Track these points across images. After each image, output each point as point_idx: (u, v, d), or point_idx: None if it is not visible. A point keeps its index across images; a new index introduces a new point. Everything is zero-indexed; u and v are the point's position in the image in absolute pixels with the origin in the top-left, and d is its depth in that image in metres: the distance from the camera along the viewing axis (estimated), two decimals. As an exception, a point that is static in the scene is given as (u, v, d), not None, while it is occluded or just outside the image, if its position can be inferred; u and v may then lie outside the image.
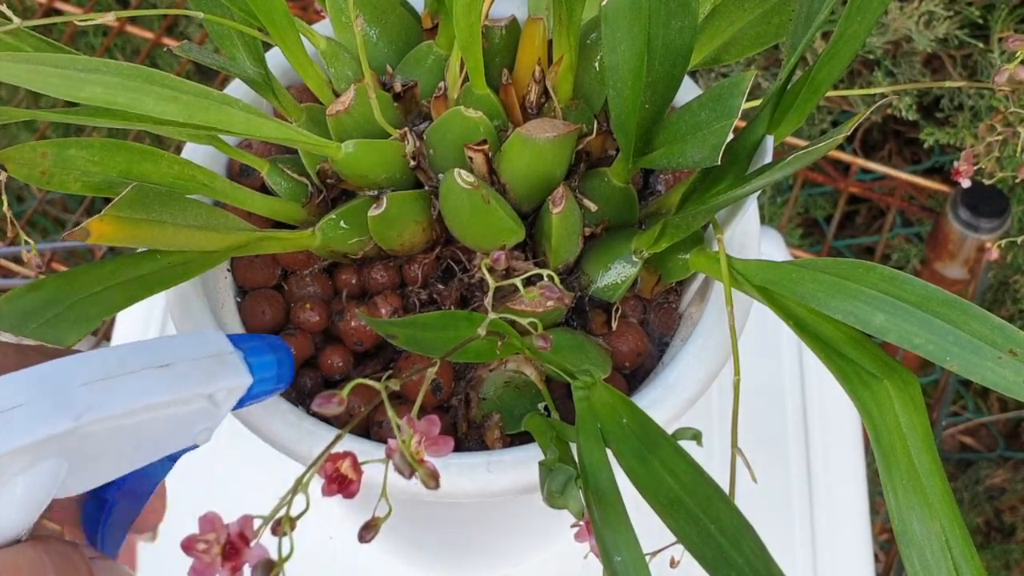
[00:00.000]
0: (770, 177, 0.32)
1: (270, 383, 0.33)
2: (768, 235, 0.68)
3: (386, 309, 0.41)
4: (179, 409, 0.30)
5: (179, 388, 0.30)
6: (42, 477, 0.28)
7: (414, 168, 0.40)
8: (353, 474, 0.25)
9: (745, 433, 0.33)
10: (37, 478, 0.28)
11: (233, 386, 0.32)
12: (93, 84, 0.31)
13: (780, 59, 0.92)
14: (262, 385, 0.33)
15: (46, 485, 0.28)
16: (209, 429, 0.32)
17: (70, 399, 0.27)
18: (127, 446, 0.30)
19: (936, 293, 0.32)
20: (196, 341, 0.32)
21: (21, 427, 0.27)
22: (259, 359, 0.33)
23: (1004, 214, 0.76)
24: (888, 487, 0.30)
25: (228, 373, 0.31)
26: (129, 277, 0.36)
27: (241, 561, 0.24)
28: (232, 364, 0.32)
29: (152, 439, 0.30)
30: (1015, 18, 0.86)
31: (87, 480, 0.30)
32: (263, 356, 0.33)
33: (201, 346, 0.31)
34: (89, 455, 0.29)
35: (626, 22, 0.33)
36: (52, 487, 0.28)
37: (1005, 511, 1.00)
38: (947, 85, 0.42)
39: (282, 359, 0.34)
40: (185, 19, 1.05)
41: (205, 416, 0.31)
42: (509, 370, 0.40)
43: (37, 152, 0.36)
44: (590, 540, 0.31)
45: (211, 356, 0.31)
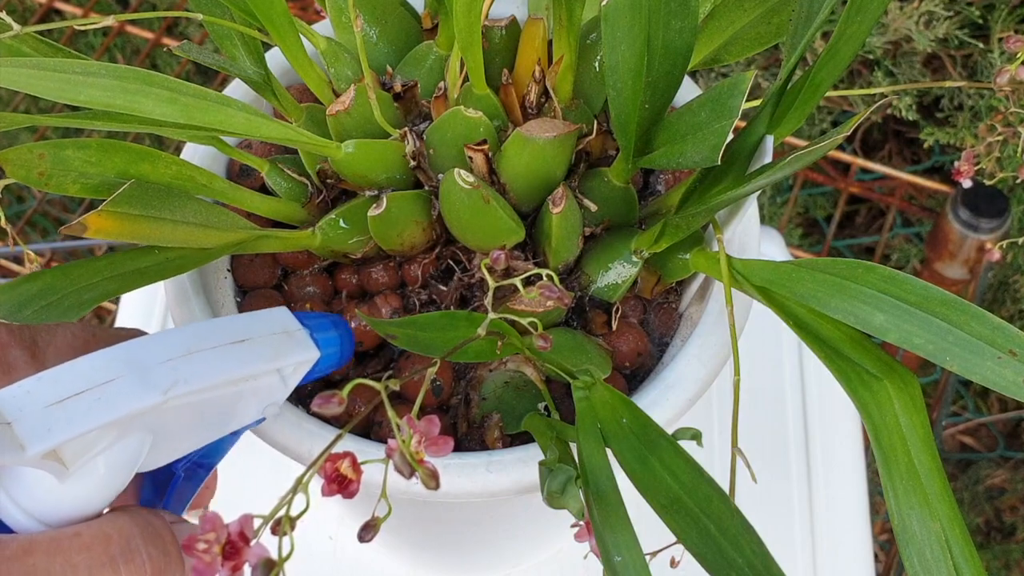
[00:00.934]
0: (770, 177, 0.32)
1: (334, 357, 0.34)
2: (768, 235, 0.68)
3: (386, 309, 0.41)
4: (252, 384, 0.31)
5: (255, 363, 0.31)
6: (128, 451, 0.29)
7: (414, 168, 0.40)
8: (353, 474, 0.25)
9: (745, 433, 0.33)
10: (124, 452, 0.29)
11: (302, 360, 0.33)
12: (92, 87, 0.31)
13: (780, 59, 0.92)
14: (327, 360, 0.34)
15: (132, 459, 0.29)
16: (276, 403, 0.33)
17: (157, 375, 0.29)
18: (203, 420, 0.31)
19: (936, 293, 0.32)
20: (266, 318, 0.33)
21: (113, 402, 0.28)
22: (324, 335, 0.34)
23: (1004, 214, 0.76)
24: (888, 487, 0.30)
25: (297, 348, 0.33)
26: (126, 270, 0.36)
27: (241, 560, 0.24)
28: (300, 340, 0.33)
29: (226, 414, 0.31)
30: (1015, 18, 0.86)
31: (165, 454, 0.31)
32: (327, 332, 0.34)
33: (271, 323, 0.33)
34: (169, 430, 0.30)
35: (626, 22, 0.33)
36: (137, 461, 0.29)
37: (1005, 511, 1.00)
38: (947, 85, 0.42)
39: (343, 335, 0.35)
40: (185, 19, 1.05)
41: (273, 391, 0.32)
42: (509, 370, 0.40)
43: (34, 153, 0.36)
44: (590, 540, 0.31)
45: (281, 332, 0.33)
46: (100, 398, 0.27)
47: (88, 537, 0.28)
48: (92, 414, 0.27)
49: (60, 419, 0.27)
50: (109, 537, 0.28)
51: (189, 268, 0.37)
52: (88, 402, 0.27)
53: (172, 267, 0.37)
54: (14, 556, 0.26)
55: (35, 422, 0.27)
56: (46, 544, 0.27)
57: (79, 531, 0.28)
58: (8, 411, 0.27)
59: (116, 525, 0.29)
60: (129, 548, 0.28)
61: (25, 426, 0.27)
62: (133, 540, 0.29)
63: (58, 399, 0.27)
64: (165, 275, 0.36)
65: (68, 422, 0.27)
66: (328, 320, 0.35)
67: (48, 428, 0.27)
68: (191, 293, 0.40)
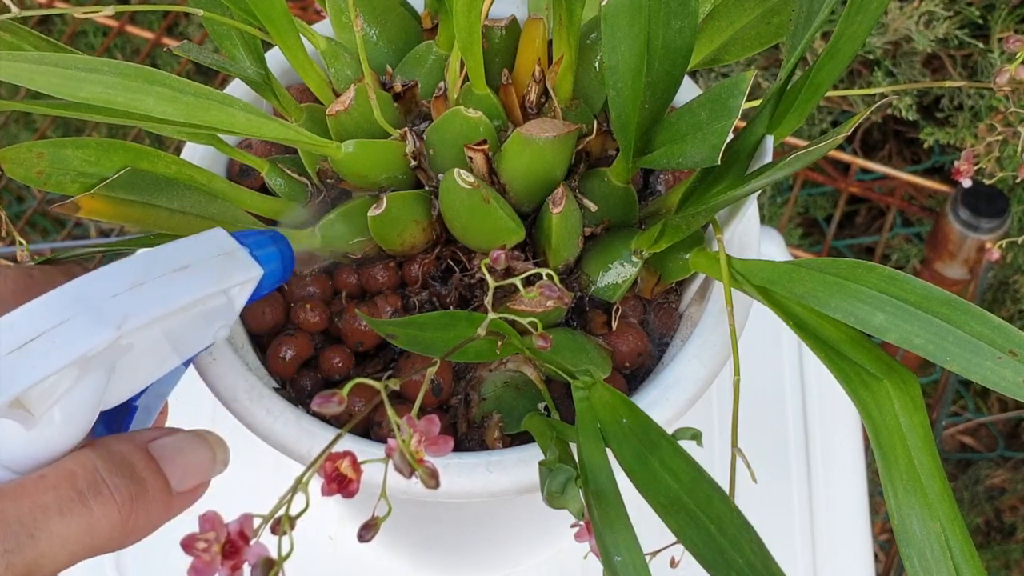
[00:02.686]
0: (770, 177, 0.32)
1: (277, 273, 0.34)
2: (768, 235, 0.68)
3: (386, 309, 0.41)
4: (201, 308, 0.31)
5: (201, 287, 0.31)
6: (90, 390, 0.29)
7: (414, 168, 0.40)
8: (352, 474, 0.25)
9: (745, 433, 0.33)
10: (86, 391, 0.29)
11: (246, 279, 0.33)
12: (93, 84, 0.31)
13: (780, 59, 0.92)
14: (271, 276, 0.34)
15: (94, 397, 0.29)
16: (226, 326, 0.33)
17: (106, 311, 0.28)
18: (158, 351, 0.31)
19: (936, 293, 0.32)
20: (205, 241, 0.33)
21: (70, 343, 0.27)
22: (264, 251, 0.34)
23: (1004, 214, 0.76)
24: (888, 487, 0.30)
25: (240, 268, 0.33)
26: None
27: (241, 560, 0.24)
28: (242, 259, 0.33)
29: (179, 341, 0.32)
30: (1015, 18, 0.86)
31: (125, 389, 0.31)
32: (267, 248, 0.34)
33: (210, 246, 0.33)
34: (126, 364, 0.30)
35: (626, 22, 0.33)
36: (99, 399, 0.29)
37: (1005, 511, 1.00)
38: (947, 85, 0.42)
39: (283, 250, 0.35)
40: (185, 19, 1.05)
41: (222, 313, 0.32)
42: (509, 370, 0.40)
43: (33, 152, 0.36)
44: (590, 540, 0.31)
45: (221, 254, 0.32)
46: (57, 340, 0.27)
47: (53, 477, 0.28)
48: (52, 357, 0.27)
49: (21, 366, 0.27)
50: (74, 474, 0.28)
51: None
52: (45, 345, 0.27)
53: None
54: None
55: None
56: (12, 490, 0.27)
57: (44, 473, 0.28)
58: None
59: (79, 461, 0.29)
60: (95, 481, 0.28)
61: None
62: (96, 473, 0.29)
63: (16, 346, 0.27)
64: None
65: (29, 368, 0.27)
66: (266, 236, 0.35)
67: (11, 377, 0.27)
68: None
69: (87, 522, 0.28)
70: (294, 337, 0.41)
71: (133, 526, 0.29)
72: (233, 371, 0.38)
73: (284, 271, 0.35)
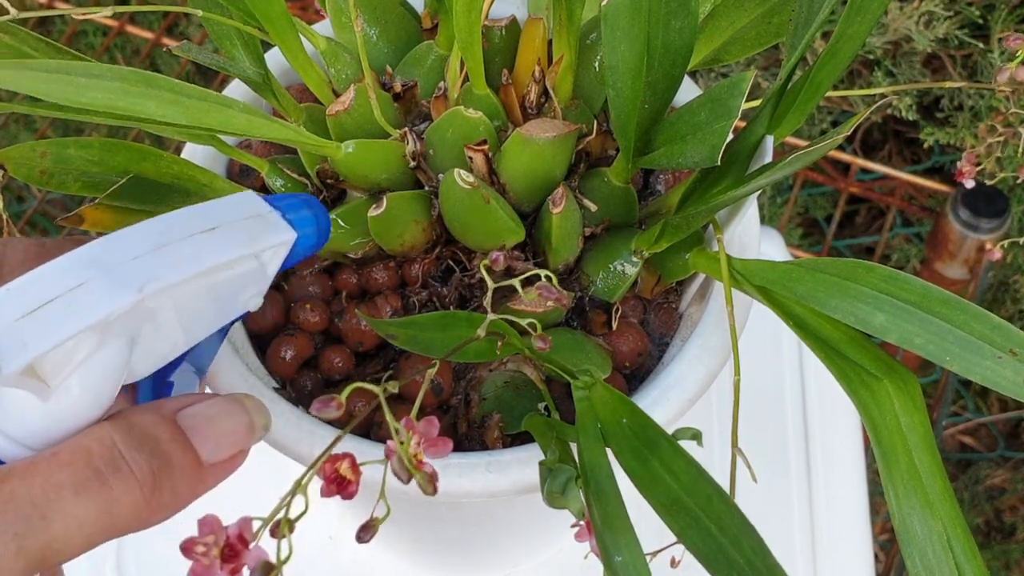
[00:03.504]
0: (770, 177, 0.32)
1: (311, 238, 0.32)
2: (768, 235, 0.68)
3: (386, 309, 0.41)
4: (231, 272, 0.29)
5: (230, 249, 0.29)
6: (111, 359, 0.27)
7: (414, 168, 0.40)
8: (352, 475, 0.25)
9: (745, 433, 0.33)
10: (106, 360, 0.27)
11: (279, 243, 0.31)
12: (94, 89, 0.31)
13: (780, 59, 0.92)
14: (305, 240, 0.32)
15: (116, 367, 0.27)
16: (259, 293, 0.31)
17: (128, 272, 0.26)
18: (185, 319, 0.29)
19: (936, 293, 0.32)
20: (235, 203, 0.30)
21: (87, 306, 0.25)
22: (297, 215, 0.32)
23: (1004, 214, 0.76)
24: (888, 487, 0.30)
25: (273, 231, 0.31)
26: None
27: (240, 563, 0.24)
28: (275, 222, 0.31)
29: (208, 309, 0.30)
30: (1015, 18, 0.86)
31: (152, 359, 0.29)
32: (300, 211, 0.32)
33: (241, 208, 0.30)
34: (152, 332, 0.28)
35: (626, 22, 0.33)
36: (122, 369, 0.27)
37: (1005, 511, 1.00)
38: (947, 85, 0.42)
39: (318, 214, 0.33)
40: (185, 19, 1.05)
41: (254, 279, 0.30)
42: (509, 370, 0.40)
43: (36, 152, 0.36)
44: (590, 540, 0.31)
45: (253, 216, 0.30)
46: (72, 304, 0.25)
47: (67, 454, 0.26)
48: (67, 321, 0.25)
49: (33, 331, 0.25)
50: (90, 450, 0.26)
51: None
52: (60, 309, 0.25)
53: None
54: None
55: (7, 338, 0.25)
56: (23, 468, 0.25)
57: (57, 450, 0.26)
58: None
59: (96, 435, 0.27)
60: (112, 457, 0.26)
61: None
62: (114, 448, 0.26)
63: (28, 310, 0.25)
64: None
65: (43, 333, 0.25)
66: (299, 199, 0.33)
67: (22, 342, 0.25)
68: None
69: (105, 502, 0.26)
70: (294, 337, 0.41)
71: (158, 504, 0.27)
72: (233, 371, 0.38)
73: (319, 236, 0.33)
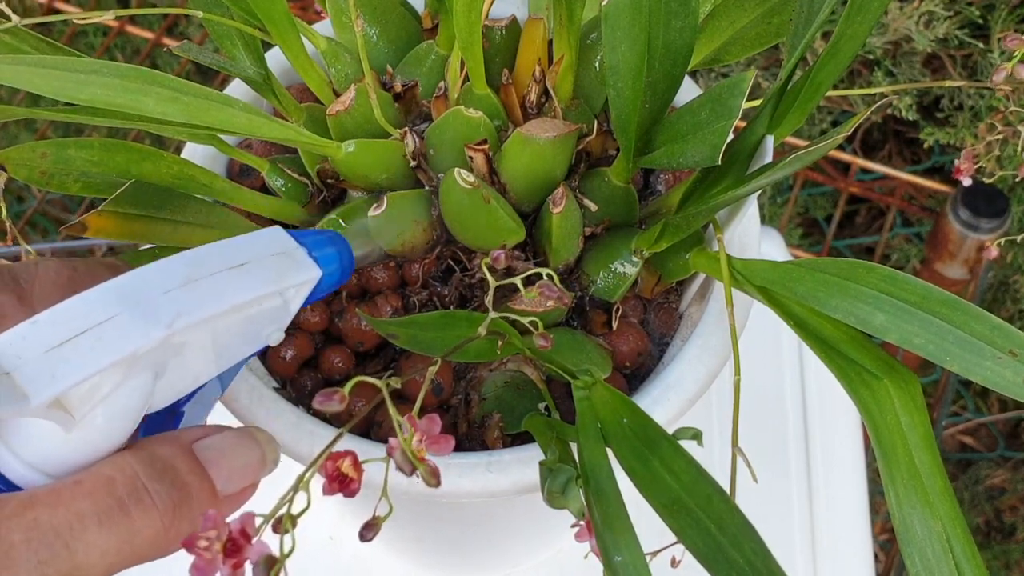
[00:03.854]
0: (770, 177, 0.32)
1: (335, 275, 0.33)
2: (768, 235, 0.68)
3: (386, 309, 0.41)
4: (256, 308, 0.29)
5: (257, 287, 0.29)
6: (136, 391, 0.27)
7: (414, 168, 0.40)
8: (354, 473, 0.25)
9: (745, 432, 0.33)
10: (132, 393, 0.27)
11: (303, 281, 0.31)
12: (94, 86, 0.31)
13: (780, 59, 0.92)
14: (329, 278, 0.32)
15: (141, 399, 0.27)
16: (280, 329, 0.31)
17: (157, 307, 0.27)
18: (209, 353, 0.29)
19: (936, 293, 0.32)
20: (264, 239, 0.31)
21: (116, 341, 0.26)
22: (322, 252, 0.32)
23: (1004, 214, 0.76)
24: (889, 487, 0.30)
25: (299, 269, 0.31)
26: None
27: (242, 558, 0.24)
28: (301, 259, 0.31)
29: (231, 343, 0.30)
30: (1015, 18, 0.86)
31: (173, 391, 0.29)
32: (325, 249, 0.32)
33: (268, 244, 0.31)
34: (175, 365, 0.28)
35: (626, 22, 0.33)
36: (146, 400, 0.28)
37: (1005, 511, 1.00)
38: (947, 85, 0.42)
39: (342, 251, 0.33)
40: (185, 19, 1.05)
41: (277, 315, 0.31)
42: (509, 370, 0.40)
43: (36, 153, 0.36)
44: (590, 540, 0.31)
45: (280, 253, 0.31)
46: (102, 337, 0.25)
47: (90, 483, 0.26)
48: (96, 355, 0.25)
49: (63, 364, 0.25)
50: (112, 479, 0.26)
51: None
52: (90, 343, 0.25)
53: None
54: (14, 513, 0.25)
55: (36, 369, 0.25)
56: (46, 496, 0.25)
57: (79, 479, 0.26)
58: (6, 360, 0.25)
59: (118, 466, 0.27)
60: (135, 488, 0.26)
61: (26, 374, 0.25)
62: (137, 479, 0.27)
63: (58, 342, 0.25)
64: None
65: (72, 366, 0.25)
66: (325, 236, 0.33)
67: (51, 374, 0.25)
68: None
69: (127, 531, 0.26)
70: (294, 337, 0.41)
71: (176, 533, 0.27)
72: (233, 371, 0.38)
73: (342, 273, 0.33)
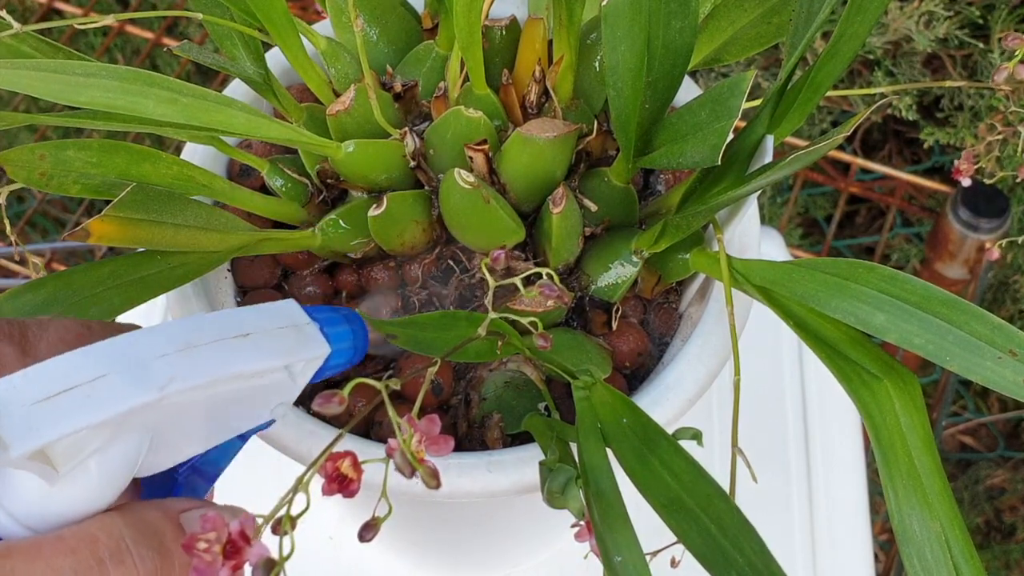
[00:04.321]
0: (770, 177, 0.32)
1: (347, 354, 0.32)
2: (768, 235, 0.68)
3: (386, 309, 0.41)
4: (258, 381, 0.29)
5: (260, 358, 0.29)
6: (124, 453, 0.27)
7: (414, 168, 0.40)
8: (353, 473, 0.25)
9: (745, 433, 0.33)
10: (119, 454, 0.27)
11: (311, 357, 0.31)
12: (93, 88, 0.31)
13: (780, 59, 0.92)
14: (339, 356, 0.32)
15: (128, 461, 0.27)
16: (285, 404, 0.31)
17: (152, 370, 0.27)
18: (207, 421, 0.29)
19: (936, 293, 0.32)
20: (273, 311, 0.31)
21: (104, 400, 0.26)
22: (335, 329, 0.32)
23: (1004, 214, 0.76)
24: (888, 487, 0.30)
25: (307, 344, 0.31)
26: (129, 279, 0.36)
27: (242, 560, 0.24)
28: (310, 335, 0.31)
29: (230, 414, 0.30)
30: (1015, 18, 0.86)
31: (166, 457, 0.29)
32: (339, 327, 0.32)
33: (278, 317, 0.31)
34: (169, 430, 0.28)
35: (626, 22, 0.33)
36: (134, 463, 0.27)
37: (1005, 511, 1.00)
38: (947, 85, 0.42)
39: (356, 330, 0.33)
40: (185, 19, 1.05)
41: (282, 389, 0.30)
42: (509, 370, 0.40)
43: (35, 154, 0.36)
44: (590, 540, 0.31)
45: (289, 327, 0.30)
46: (90, 395, 0.25)
47: (72, 540, 0.26)
48: (80, 412, 0.25)
49: (46, 417, 0.25)
50: (95, 538, 0.26)
51: (192, 278, 0.37)
52: (77, 399, 0.25)
53: (175, 276, 0.36)
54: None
55: (19, 420, 0.25)
56: (26, 548, 0.25)
57: (62, 534, 0.26)
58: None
59: (103, 525, 0.27)
60: (118, 549, 0.26)
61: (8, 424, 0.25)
62: (122, 541, 0.26)
63: (44, 396, 0.25)
64: (168, 286, 0.36)
65: (54, 421, 0.25)
66: (340, 315, 0.33)
67: (32, 427, 0.25)
68: (191, 294, 0.40)
69: None
70: (294, 337, 0.41)
71: None
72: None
73: (355, 352, 0.33)
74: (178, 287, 0.37)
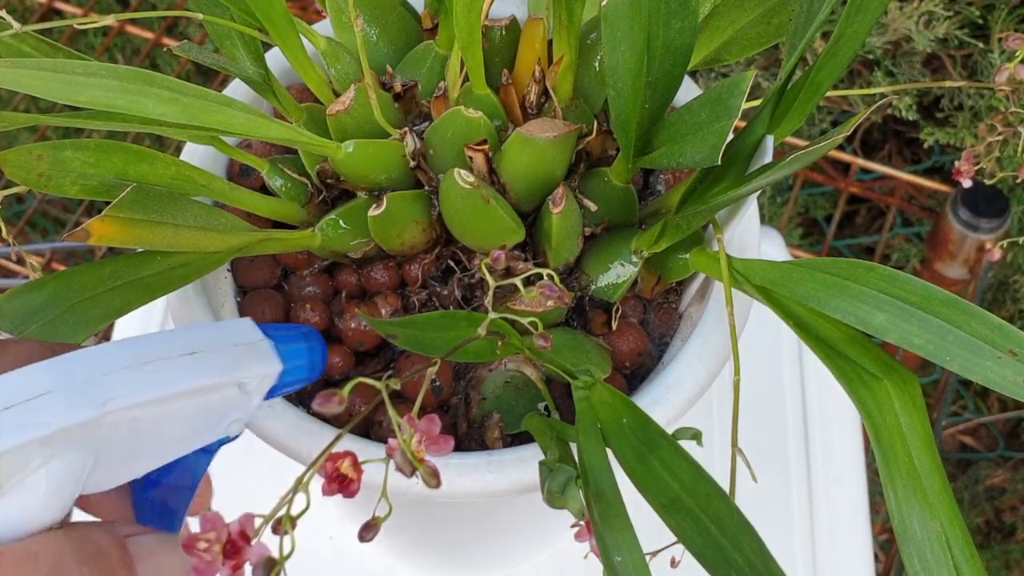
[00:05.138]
0: (770, 177, 0.32)
1: (302, 371, 0.33)
2: (768, 235, 0.68)
3: (386, 309, 0.41)
4: (208, 398, 0.29)
5: (207, 375, 0.29)
6: (67, 470, 0.27)
7: (414, 168, 0.40)
8: (353, 473, 0.25)
9: (745, 433, 0.33)
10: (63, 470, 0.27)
11: (264, 374, 0.31)
12: (93, 88, 0.31)
13: (780, 59, 0.92)
14: (293, 373, 0.32)
15: (71, 478, 0.27)
16: (240, 420, 0.31)
17: (95, 387, 0.27)
18: (156, 438, 0.29)
19: (936, 293, 0.32)
20: (226, 329, 0.31)
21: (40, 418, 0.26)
22: (290, 347, 0.32)
23: (1004, 214, 0.76)
24: (888, 487, 0.30)
25: (258, 361, 0.31)
26: (129, 279, 0.36)
27: (242, 560, 0.24)
28: (263, 351, 0.31)
29: (182, 431, 0.30)
30: (1015, 18, 0.86)
31: (116, 475, 0.29)
32: (294, 344, 0.32)
33: (231, 334, 0.31)
34: (117, 448, 0.28)
35: (626, 22, 0.33)
36: (78, 481, 0.27)
37: (1005, 511, 1.00)
38: (947, 85, 0.42)
39: (314, 347, 0.33)
40: (185, 19, 1.05)
41: (236, 406, 0.30)
42: (509, 370, 0.40)
43: (33, 155, 0.36)
44: (590, 540, 0.31)
45: (241, 344, 0.31)
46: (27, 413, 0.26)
47: (11, 556, 0.25)
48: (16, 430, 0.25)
49: None
50: (35, 556, 0.26)
51: (192, 279, 0.37)
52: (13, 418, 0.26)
53: (176, 277, 0.36)
54: None
55: None
56: None
57: (3, 550, 0.25)
58: None
59: (45, 543, 0.26)
60: (58, 568, 0.26)
61: None
62: (64, 559, 0.26)
63: None
64: (168, 286, 0.36)
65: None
66: (298, 332, 0.33)
67: None
68: (191, 294, 0.40)
69: None
70: (294, 337, 0.41)
71: None
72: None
73: (311, 369, 0.33)
74: (179, 288, 0.37)
